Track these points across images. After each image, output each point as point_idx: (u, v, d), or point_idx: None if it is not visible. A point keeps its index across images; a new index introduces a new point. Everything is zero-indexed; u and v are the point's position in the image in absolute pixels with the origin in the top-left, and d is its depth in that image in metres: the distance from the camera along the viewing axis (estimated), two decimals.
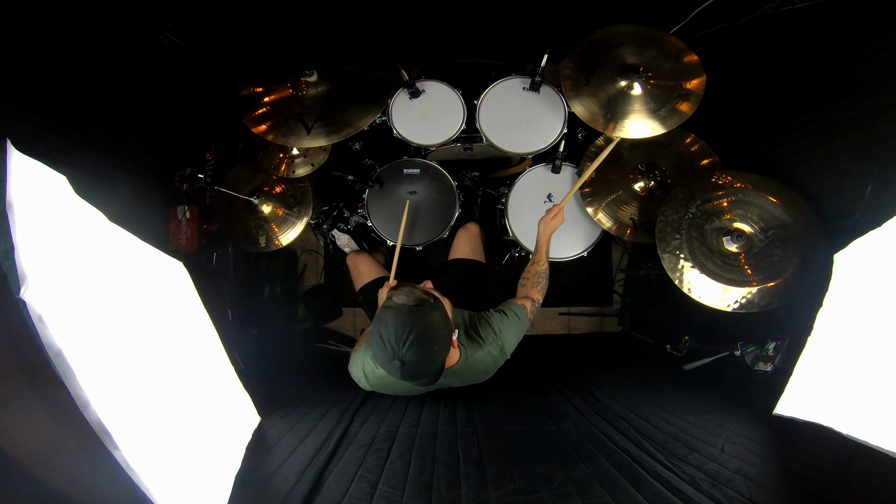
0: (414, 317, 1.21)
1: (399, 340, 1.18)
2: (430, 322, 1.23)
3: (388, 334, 1.19)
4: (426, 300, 1.26)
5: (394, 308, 1.23)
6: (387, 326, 1.20)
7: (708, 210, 1.83)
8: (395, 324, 1.19)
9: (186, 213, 2.25)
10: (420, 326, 1.20)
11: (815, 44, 1.78)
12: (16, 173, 0.91)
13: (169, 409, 1.13)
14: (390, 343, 1.19)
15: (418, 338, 1.19)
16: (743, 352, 1.87)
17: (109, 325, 0.99)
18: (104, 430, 0.85)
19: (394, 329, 1.19)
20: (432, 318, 1.24)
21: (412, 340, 1.18)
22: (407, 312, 1.21)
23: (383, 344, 1.20)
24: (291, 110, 1.93)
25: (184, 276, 1.39)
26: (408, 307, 1.22)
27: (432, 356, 1.23)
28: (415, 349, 1.18)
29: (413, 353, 1.19)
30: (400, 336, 1.18)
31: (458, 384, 1.59)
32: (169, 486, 0.98)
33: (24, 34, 1.46)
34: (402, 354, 1.18)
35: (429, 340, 1.21)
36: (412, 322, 1.19)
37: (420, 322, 1.20)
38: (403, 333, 1.18)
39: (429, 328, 1.21)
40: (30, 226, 0.87)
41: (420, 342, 1.19)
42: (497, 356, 1.54)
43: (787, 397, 1.44)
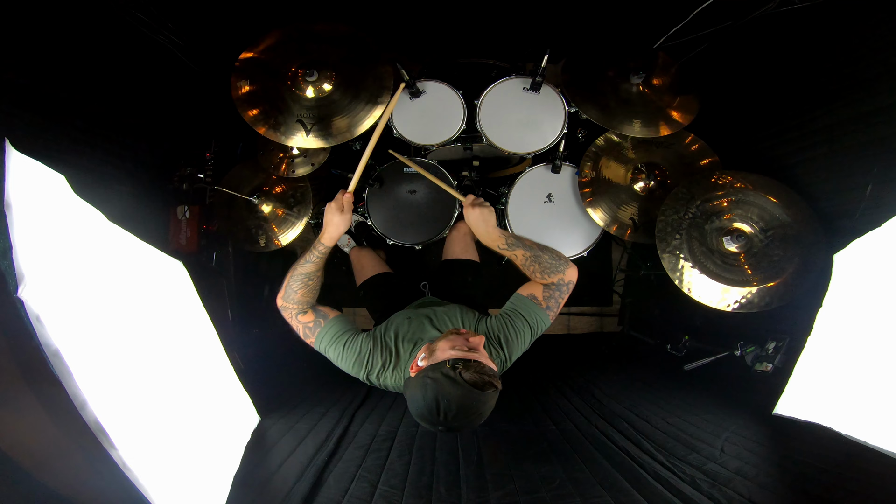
0: (480, 402, 1.16)
1: (457, 418, 1.14)
2: (491, 404, 1.19)
3: (448, 409, 1.13)
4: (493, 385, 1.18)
5: (462, 387, 1.15)
6: (448, 402, 1.13)
7: (708, 210, 1.83)
8: (460, 404, 1.13)
9: (186, 213, 2.25)
10: (483, 409, 1.16)
11: (815, 44, 1.78)
12: (15, 173, 0.91)
13: (167, 408, 1.13)
14: (445, 416, 1.14)
15: (473, 418, 1.16)
16: (743, 352, 1.87)
17: (108, 324, 0.99)
18: (101, 429, 0.85)
19: (456, 407, 1.13)
20: (493, 400, 1.20)
21: (467, 421, 1.15)
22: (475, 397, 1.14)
23: (436, 412, 1.14)
24: (292, 110, 1.93)
25: (184, 276, 1.39)
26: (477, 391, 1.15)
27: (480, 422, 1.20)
28: (464, 423, 1.16)
29: (461, 424, 1.16)
30: (459, 416, 1.14)
31: None
32: (166, 485, 0.98)
33: (24, 34, 1.46)
34: (450, 425, 1.15)
35: (479, 418, 1.18)
36: (477, 405, 1.15)
37: (484, 405, 1.16)
38: (463, 413, 1.14)
39: (487, 410, 1.18)
40: (28, 225, 0.87)
41: (472, 421, 1.17)
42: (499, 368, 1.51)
43: (787, 397, 1.44)
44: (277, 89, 1.94)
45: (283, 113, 1.93)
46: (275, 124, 1.92)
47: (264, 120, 1.92)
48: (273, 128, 1.92)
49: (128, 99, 1.96)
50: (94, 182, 1.76)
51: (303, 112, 1.93)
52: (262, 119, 1.92)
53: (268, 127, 1.91)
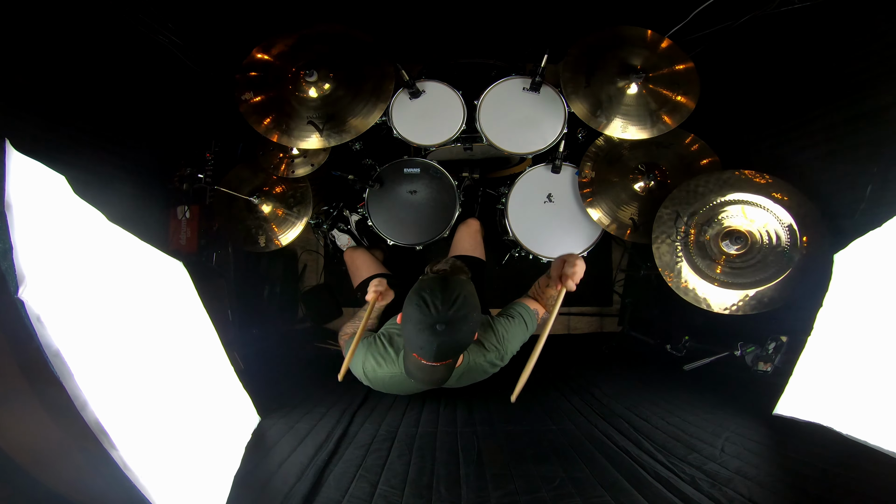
0: (459, 283, 1.23)
1: (447, 303, 1.18)
2: (470, 290, 1.25)
3: (434, 297, 1.19)
4: (464, 270, 1.30)
5: (437, 276, 1.25)
6: (432, 291, 1.20)
7: (699, 222, 1.83)
8: (441, 287, 1.21)
9: (186, 213, 2.25)
10: (465, 291, 1.22)
11: (814, 44, 1.78)
12: (15, 173, 0.91)
13: (168, 409, 1.13)
14: (435, 306, 1.18)
15: (464, 303, 1.19)
16: (743, 352, 1.87)
17: (108, 325, 0.99)
18: (102, 430, 0.85)
19: (440, 292, 1.19)
20: (472, 287, 1.27)
21: (459, 305, 1.18)
22: (451, 279, 1.24)
23: (427, 308, 1.19)
24: (300, 113, 1.93)
25: (184, 276, 1.39)
26: (452, 274, 1.25)
27: (471, 325, 1.23)
28: (460, 315, 1.19)
29: (457, 318, 1.19)
30: (447, 299, 1.18)
31: (454, 386, 1.59)
32: (167, 486, 0.98)
33: (24, 34, 1.45)
34: (450, 316, 1.18)
35: (470, 307, 1.22)
36: (458, 287, 1.21)
37: (464, 289, 1.23)
38: (451, 296, 1.19)
39: (470, 295, 1.24)
40: (28, 226, 0.87)
41: (464, 308, 1.20)
42: (497, 363, 1.54)
43: (787, 397, 1.44)
44: (281, 95, 1.95)
45: (291, 117, 1.94)
46: (286, 129, 1.94)
47: (276, 127, 1.94)
48: (286, 133, 1.94)
49: (128, 99, 1.96)
50: (94, 182, 1.76)
51: (310, 113, 1.93)
52: (273, 127, 1.94)
53: (280, 133, 1.94)
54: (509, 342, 1.53)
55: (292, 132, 1.93)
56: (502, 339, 1.53)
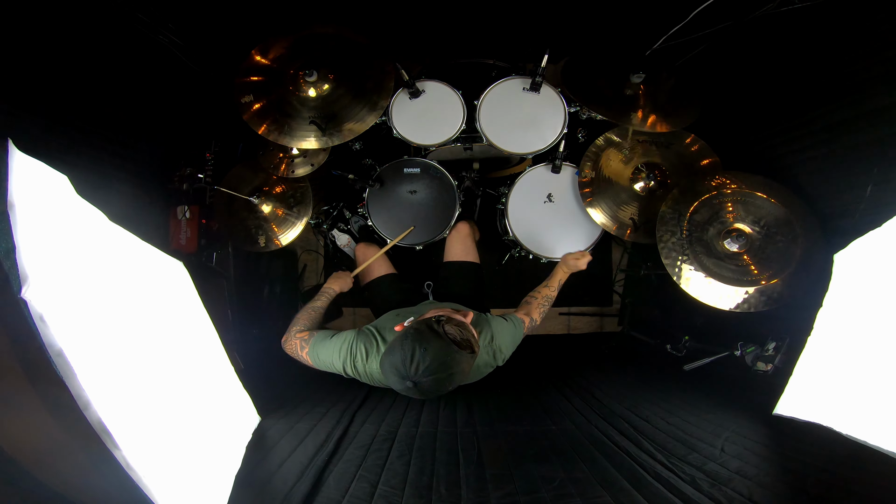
0: (456, 360, 1.18)
1: (427, 372, 1.15)
2: (463, 368, 1.21)
3: (422, 358, 1.14)
4: (470, 346, 1.22)
5: (443, 340, 1.18)
6: (425, 351, 1.15)
7: (700, 221, 1.83)
8: (435, 354, 1.15)
9: (186, 213, 2.25)
10: (455, 369, 1.18)
11: (815, 44, 1.78)
12: (17, 173, 0.91)
13: (169, 408, 1.13)
14: (417, 367, 1.15)
15: (445, 378, 1.17)
16: (743, 352, 1.88)
17: (110, 325, 1.00)
18: (105, 429, 0.85)
19: (430, 358, 1.14)
20: (466, 365, 1.22)
21: (439, 378, 1.16)
22: (452, 353, 1.18)
23: (409, 362, 1.15)
24: (301, 113, 1.93)
25: (184, 276, 1.39)
26: (455, 347, 1.18)
27: (444, 390, 1.22)
28: (435, 384, 1.17)
29: (431, 385, 1.17)
30: (431, 369, 1.15)
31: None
32: (169, 485, 0.98)
33: (24, 34, 1.46)
34: (422, 383, 1.16)
35: (449, 382, 1.20)
36: (450, 362, 1.17)
37: (457, 365, 1.19)
38: (436, 369, 1.15)
39: (458, 373, 1.20)
40: (31, 225, 0.87)
41: (443, 381, 1.18)
42: (490, 361, 1.54)
43: (787, 397, 1.44)
44: (281, 96, 1.95)
45: (292, 117, 1.94)
46: (288, 130, 1.94)
47: (277, 128, 1.94)
48: (287, 133, 1.94)
49: (128, 99, 1.96)
50: (95, 182, 1.76)
51: (311, 113, 1.93)
52: (274, 128, 1.94)
53: (281, 133, 1.94)
54: (501, 339, 1.55)
55: (293, 132, 1.93)
56: (495, 334, 1.55)
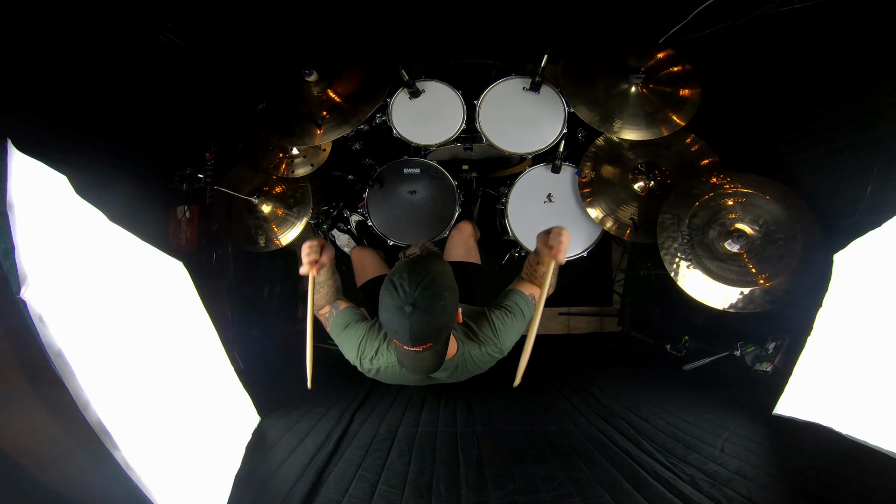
0: (426, 264, 1.26)
1: (412, 284, 1.20)
2: (440, 270, 1.27)
3: (402, 280, 1.22)
4: (436, 252, 1.35)
5: (407, 260, 1.29)
6: (400, 274, 1.23)
7: (700, 224, 1.83)
8: (409, 270, 1.23)
9: (186, 213, 2.25)
10: (432, 273, 1.23)
11: (814, 44, 1.78)
12: (17, 173, 0.91)
13: (169, 409, 1.13)
14: (403, 289, 1.20)
15: (431, 283, 1.21)
16: (743, 352, 1.87)
17: (109, 325, 0.99)
18: (104, 430, 0.85)
19: (407, 275, 1.22)
20: (442, 267, 1.29)
21: (425, 285, 1.20)
22: (419, 261, 1.26)
23: (395, 292, 1.22)
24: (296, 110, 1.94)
25: (184, 275, 1.39)
26: (421, 256, 1.29)
27: (443, 304, 1.23)
28: (427, 294, 1.20)
29: (425, 298, 1.20)
30: (413, 280, 1.20)
31: (452, 380, 1.56)
32: (169, 485, 0.98)
33: (25, 34, 1.46)
34: (416, 298, 1.19)
35: (440, 287, 1.23)
36: (425, 268, 1.24)
37: (432, 268, 1.25)
38: (417, 278, 1.21)
39: (439, 275, 1.25)
40: (30, 226, 0.87)
41: (432, 288, 1.21)
42: (495, 355, 1.52)
43: (787, 397, 1.44)
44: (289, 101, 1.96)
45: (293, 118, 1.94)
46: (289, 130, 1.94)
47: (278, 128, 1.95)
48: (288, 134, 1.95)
49: (128, 99, 1.96)
50: (95, 182, 1.75)
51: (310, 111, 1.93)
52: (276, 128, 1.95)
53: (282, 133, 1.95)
54: (506, 334, 1.51)
55: (294, 132, 1.93)
56: (498, 331, 1.50)
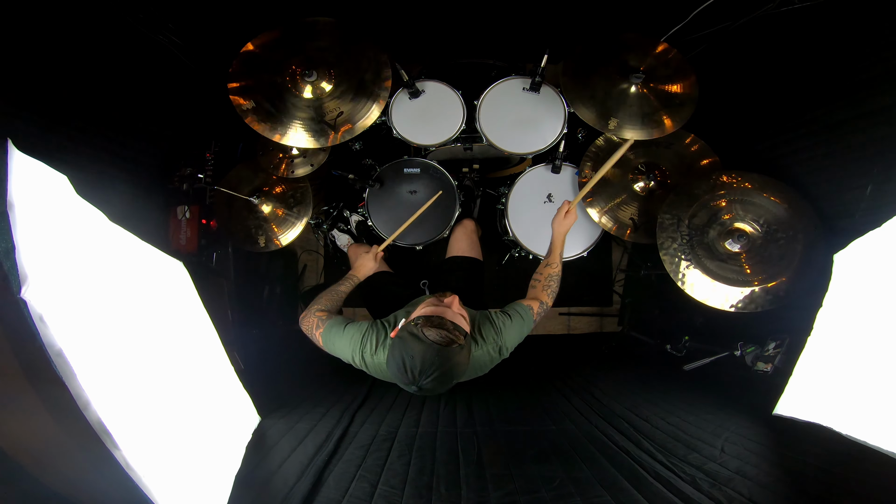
0: (443, 357, 1.19)
1: (424, 375, 1.18)
2: (457, 362, 1.22)
3: (413, 366, 1.18)
4: (457, 340, 1.23)
5: (424, 343, 1.20)
6: (412, 359, 1.19)
7: (700, 224, 1.83)
8: (423, 359, 1.18)
9: (186, 213, 2.25)
10: (447, 367, 1.19)
11: (814, 44, 1.78)
12: (17, 173, 0.91)
13: (169, 409, 1.13)
14: (413, 373, 1.19)
15: (442, 375, 1.19)
16: (743, 352, 1.88)
17: (110, 325, 0.99)
18: (105, 429, 0.85)
19: (420, 363, 1.18)
20: (460, 357, 1.23)
21: (436, 378, 1.19)
22: (437, 352, 1.19)
23: (404, 370, 1.20)
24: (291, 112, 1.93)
25: (184, 275, 1.39)
26: (438, 347, 1.19)
27: (449, 386, 1.25)
28: (436, 383, 1.20)
29: (433, 385, 1.20)
30: (425, 371, 1.18)
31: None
32: (169, 485, 0.98)
33: (24, 34, 1.45)
34: (423, 384, 1.19)
35: (450, 378, 1.22)
36: (440, 362, 1.18)
37: (448, 362, 1.20)
38: (429, 370, 1.18)
39: (454, 367, 1.21)
40: (31, 226, 0.87)
41: (442, 379, 1.20)
42: (495, 356, 1.52)
43: (787, 397, 1.44)
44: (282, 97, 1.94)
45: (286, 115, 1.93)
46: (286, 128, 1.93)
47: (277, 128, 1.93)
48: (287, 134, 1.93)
49: (128, 99, 1.96)
50: (95, 182, 1.76)
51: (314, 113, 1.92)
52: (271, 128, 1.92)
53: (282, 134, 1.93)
54: (507, 335, 1.52)
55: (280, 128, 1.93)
56: (500, 330, 1.52)
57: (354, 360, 1.48)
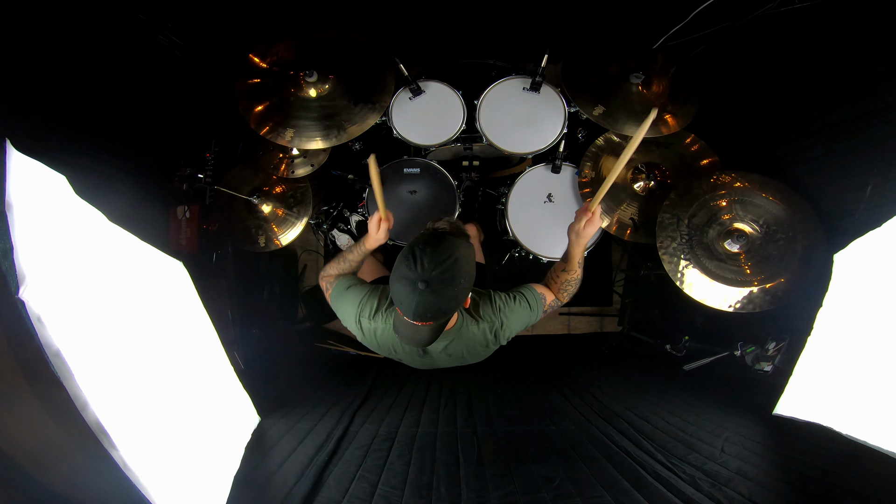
0: (453, 245, 1.19)
1: (433, 262, 1.14)
2: (465, 255, 1.21)
3: (423, 254, 1.15)
4: (466, 234, 1.28)
5: (433, 233, 1.24)
6: (423, 247, 1.17)
7: (699, 223, 1.83)
8: (434, 245, 1.17)
9: (186, 213, 2.25)
10: (456, 255, 1.17)
11: (814, 44, 1.78)
12: (16, 173, 0.91)
13: (168, 409, 1.13)
14: (422, 263, 1.14)
15: (451, 267, 1.15)
16: (743, 352, 1.87)
17: (109, 325, 0.99)
18: (102, 430, 0.85)
19: (431, 250, 1.16)
20: (467, 252, 1.23)
21: (446, 267, 1.14)
22: (447, 239, 1.20)
23: (413, 264, 1.15)
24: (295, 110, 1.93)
25: (184, 276, 1.39)
26: (452, 235, 1.22)
27: (456, 290, 1.18)
28: (444, 276, 1.14)
29: (440, 279, 1.14)
30: (435, 258, 1.14)
31: (444, 360, 1.48)
32: (167, 486, 0.98)
33: (24, 34, 1.45)
34: (431, 277, 1.14)
35: (458, 272, 1.17)
36: (451, 248, 1.18)
37: (456, 251, 1.18)
38: (439, 256, 1.15)
39: (462, 260, 1.19)
40: (29, 226, 0.87)
41: (451, 271, 1.16)
42: (489, 337, 1.44)
43: (787, 397, 1.44)
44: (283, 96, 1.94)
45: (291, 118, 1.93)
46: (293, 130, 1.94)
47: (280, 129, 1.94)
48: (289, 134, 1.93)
49: (128, 99, 1.96)
50: (94, 182, 1.76)
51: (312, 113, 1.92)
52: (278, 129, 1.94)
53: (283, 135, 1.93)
54: (507, 317, 1.44)
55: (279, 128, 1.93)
56: (498, 310, 1.44)
57: (352, 324, 1.46)
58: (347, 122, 1.92)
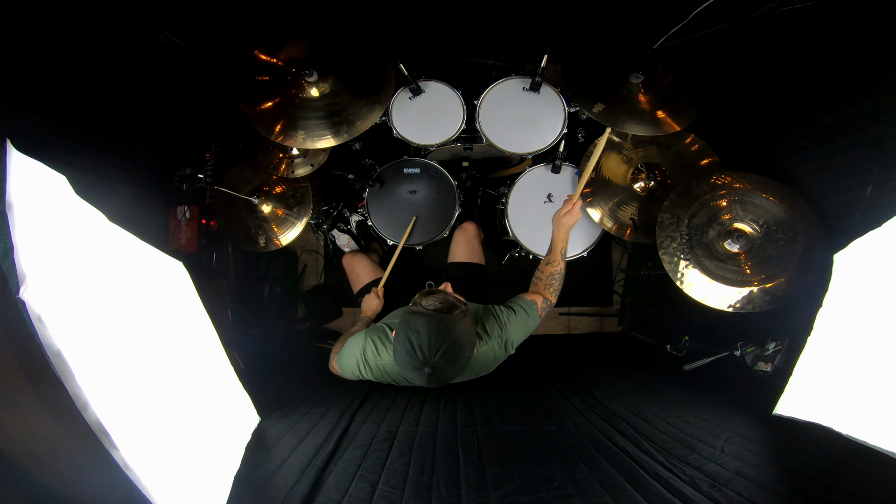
0: (448, 325, 1.16)
1: (432, 349, 1.14)
2: (463, 329, 1.19)
3: (420, 342, 1.14)
4: (457, 306, 1.21)
5: (426, 314, 1.18)
6: (419, 334, 1.15)
7: (699, 223, 1.83)
8: (429, 331, 1.15)
9: (186, 213, 2.25)
10: (454, 335, 1.16)
11: (814, 44, 1.78)
12: (16, 173, 0.91)
13: (168, 409, 1.13)
14: (422, 351, 1.14)
15: (451, 347, 1.15)
16: (743, 352, 1.87)
17: (109, 325, 0.99)
18: (103, 430, 0.85)
19: (426, 337, 1.14)
20: (464, 325, 1.20)
21: (445, 350, 1.14)
22: (440, 320, 1.16)
23: (413, 351, 1.15)
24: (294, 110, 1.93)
25: (184, 276, 1.39)
26: (441, 314, 1.17)
27: (461, 363, 1.20)
28: (447, 358, 1.15)
29: (444, 361, 1.15)
30: (433, 345, 1.14)
31: (459, 379, 1.56)
32: (168, 486, 0.98)
33: (24, 34, 1.45)
34: (434, 362, 1.14)
35: (460, 349, 1.18)
36: (446, 330, 1.15)
37: (454, 330, 1.17)
38: (437, 342, 1.14)
39: (461, 337, 1.18)
40: (29, 226, 0.87)
41: (452, 352, 1.16)
42: (499, 352, 1.49)
43: (787, 397, 1.44)
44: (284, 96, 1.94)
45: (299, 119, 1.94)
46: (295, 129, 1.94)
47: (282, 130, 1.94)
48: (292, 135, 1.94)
49: (128, 99, 1.96)
50: (94, 182, 1.76)
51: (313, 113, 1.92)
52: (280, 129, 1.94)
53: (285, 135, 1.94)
54: (512, 329, 1.49)
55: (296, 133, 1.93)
56: (504, 325, 1.48)
57: (360, 370, 1.50)
58: (354, 117, 1.92)
